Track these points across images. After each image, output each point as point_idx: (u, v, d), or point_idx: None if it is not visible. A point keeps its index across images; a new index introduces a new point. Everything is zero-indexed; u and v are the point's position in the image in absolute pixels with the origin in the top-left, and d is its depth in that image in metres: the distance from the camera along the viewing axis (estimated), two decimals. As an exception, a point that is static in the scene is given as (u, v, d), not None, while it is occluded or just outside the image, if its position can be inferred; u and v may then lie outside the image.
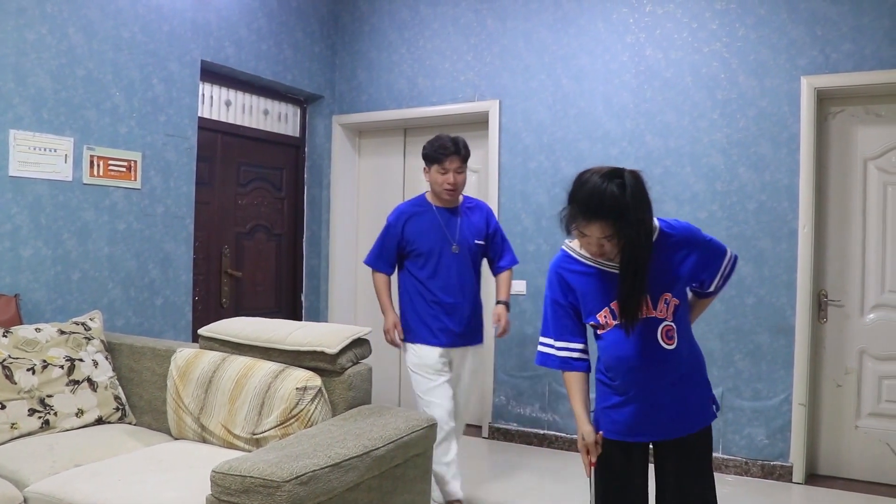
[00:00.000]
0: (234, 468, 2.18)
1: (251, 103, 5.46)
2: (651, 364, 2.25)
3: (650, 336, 2.23)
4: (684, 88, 4.64)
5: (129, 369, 3.51)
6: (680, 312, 2.27)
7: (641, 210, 2.09)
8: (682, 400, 2.29)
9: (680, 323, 2.26)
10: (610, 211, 2.06)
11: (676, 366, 2.26)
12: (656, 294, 2.23)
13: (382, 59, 5.75)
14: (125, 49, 4.25)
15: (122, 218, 4.25)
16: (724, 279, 2.39)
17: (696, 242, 2.29)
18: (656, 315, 2.24)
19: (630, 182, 2.08)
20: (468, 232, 3.82)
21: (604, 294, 2.29)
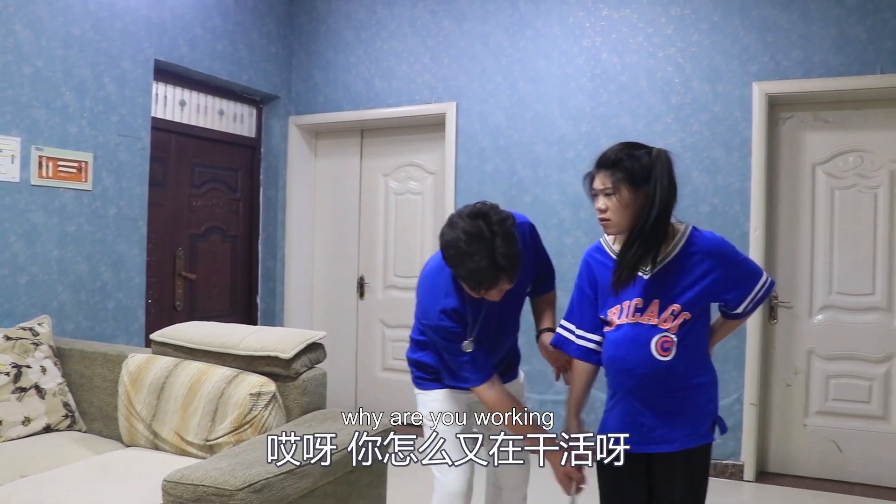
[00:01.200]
0: (185, 477, 2.15)
1: (206, 103, 5.39)
2: (640, 371, 2.21)
3: (644, 343, 2.20)
4: (639, 92, 4.69)
5: (80, 375, 3.44)
6: (690, 328, 2.20)
7: (650, 176, 2.16)
8: (668, 415, 2.23)
9: (686, 338, 2.19)
10: (613, 162, 2.21)
11: (668, 379, 2.20)
12: (665, 302, 2.19)
13: (339, 60, 5.72)
14: (76, 47, 4.17)
15: (73, 220, 4.17)
16: (754, 303, 2.28)
17: (724, 259, 2.21)
18: (657, 324, 2.19)
19: (653, 151, 2.22)
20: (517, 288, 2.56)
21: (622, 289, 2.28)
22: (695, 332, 2.22)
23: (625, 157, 2.20)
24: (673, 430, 2.22)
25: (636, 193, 2.18)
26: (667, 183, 2.16)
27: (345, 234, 5.94)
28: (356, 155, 5.91)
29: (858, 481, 4.30)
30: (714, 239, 2.24)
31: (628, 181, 2.18)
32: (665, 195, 2.16)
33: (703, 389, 2.26)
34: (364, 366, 5.86)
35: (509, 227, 2.30)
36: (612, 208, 2.20)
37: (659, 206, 2.15)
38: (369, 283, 5.83)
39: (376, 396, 5.75)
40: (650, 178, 2.16)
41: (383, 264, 5.78)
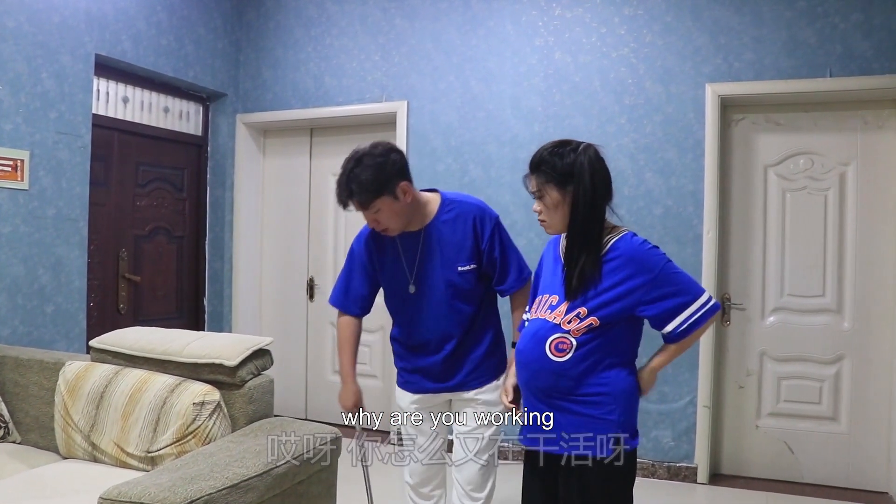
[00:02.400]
0: (123, 493, 2.04)
1: (150, 100, 5.22)
2: (533, 367, 2.19)
3: (542, 340, 2.16)
4: (592, 93, 4.67)
5: (14, 383, 3.29)
6: (599, 335, 2.11)
7: (570, 175, 2.12)
8: (559, 416, 2.15)
9: (591, 344, 2.11)
10: (536, 164, 2.18)
11: (559, 381, 2.13)
12: (574, 304, 2.13)
13: (288, 57, 5.60)
14: (10, 39, 3.99)
15: (7, 221, 3.99)
16: (688, 325, 2.11)
17: (646, 269, 2.10)
18: (560, 323, 2.13)
19: (579, 147, 2.16)
20: (442, 258, 2.67)
21: (549, 282, 2.27)
22: (606, 340, 2.12)
23: (547, 158, 2.17)
24: (563, 433, 2.16)
25: (564, 192, 2.15)
26: (589, 179, 2.12)
27: (294, 235, 5.82)
28: (305, 154, 5.80)
29: (810, 482, 4.34)
30: (641, 247, 2.14)
31: (553, 181, 2.15)
32: (588, 192, 2.12)
33: (603, 398, 2.12)
34: (314, 368, 5.75)
35: (377, 159, 2.49)
36: (544, 210, 2.20)
37: (583, 203, 2.11)
38: (319, 285, 5.72)
39: (327, 399, 5.64)
40: (573, 175, 2.13)
41: (334, 265, 5.67)
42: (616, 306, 2.10)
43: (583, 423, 2.13)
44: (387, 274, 2.77)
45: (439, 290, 2.66)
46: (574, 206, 2.13)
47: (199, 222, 5.64)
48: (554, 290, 2.21)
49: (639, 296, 2.09)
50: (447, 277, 2.65)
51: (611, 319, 2.11)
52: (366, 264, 2.80)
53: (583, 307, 2.11)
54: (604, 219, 2.18)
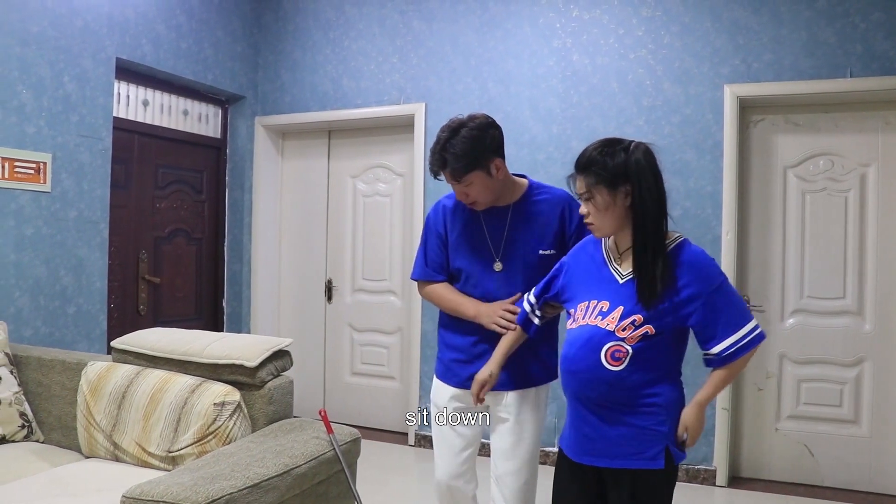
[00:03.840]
0: (145, 493, 2.06)
1: (170, 103, 5.27)
2: (584, 376, 2.11)
3: (596, 348, 2.08)
4: (610, 94, 4.66)
5: (37, 383, 3.32)
6: (652, 343, 2.06)
7: (627, 174, 2.06)
8: (611, 428, 2.11)
9: (645, 353, 2.06)
10: (585, 165, 2.12)
11: (613, 391, 2.08)
12: (629, 311, 2.06)
13: (307, 60, 5.63)
14: (33, 44, 4.04)
15: (30, 222, 4.04)
16: (737, 349, 2.06)
17: (707, 280, 2.05)
18: (614, 331, 2.07)
19: (630, 146, 2.10)
20: (526, 237, 2.63)
21: (595, 287, 2.19)
22: (658, 349, 2.07)
23: (597, 158, 2.10)
24: (615, 445, 2.11)
25: (614, 194, 2.08)
26: (652, 178, 2.08)
27: (312, 237, 5.85)
28: (324, 156, 5.82)
29: (830, 485, 4.31)
30: (703, 256, 2.10)
31: (603, 183, 2.08)
32: (654, 191, 2.07)
33: (655, 409, 2.07)
34: (332, 370, 5.77)
35: (474, 131, 2.47)
36: (593, 212, 2.13)
37: (651, 203, 2.06)
38: (337, 287, 5.74)
39: (345, 401, 5.66)
40: (627, 176, 2.06)
41: (351, 267, 5.69)
42: (674, 315, 2.05)
43: (635, 435, 2.08)
44: (466, 250, 2.68)
45: (528, 268, 2.60)
46: (640, 207, 2.05)
47: (218, 224, 5.68)
48: (603, 296, 2.13)
49: (697, 305, 2.04)
50: (526, 258, 2.60)
51: (665, 328, 2.05)
52: (441, 235, 2.74)
53: (638, 314, 2.05)
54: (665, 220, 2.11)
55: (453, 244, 2.71)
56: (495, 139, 2.54)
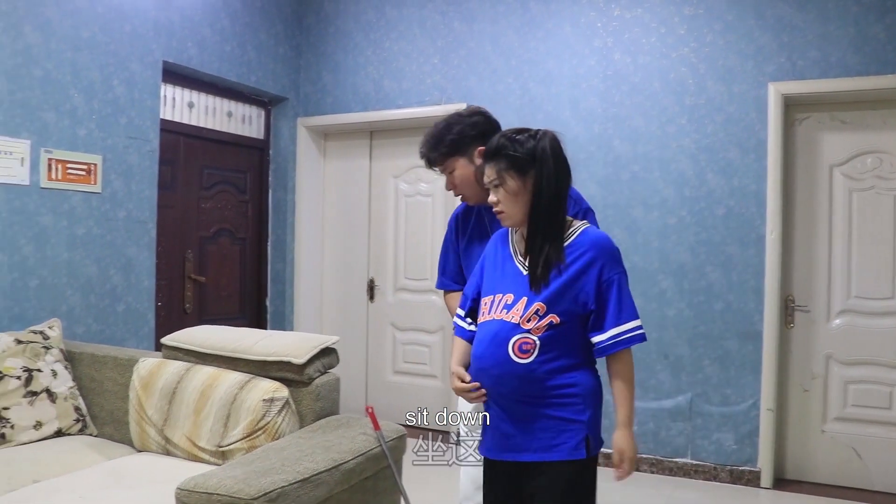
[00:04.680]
0: (199, 485, 2.11)
1: (214, 105, 5.35)
2: (495, 372, 2.06)
3: (502, 342, 2.03)
4: (653, 93, 4.64)
5: (90, 379, 3.41)
6: (559, 332, 2.02)
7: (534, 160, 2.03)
8: (526, 422, 2.06)
9: (553, 342, 2.01)
10: (494, 152, 2.09)
11: (525, 384, 2.03)
12: (532, 300, 2.03)
13: (348, 61, 5.68)
14: (84, 49, 4.13)
15: (82, 223, 4.13)
16: (615, 341, 2.03)
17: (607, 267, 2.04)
18: (519, 322, 2.02)
19: (538, 134, 2.08)
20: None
21: (500, 281, 2.15)
22: (567, 337, 2.03)
23: (507, 144, 2.07)
24: (531, 438, 2.04)
25: (523, 180, 2.04)
26: (553, 164, 2.02)
27: (354, 237, 5.90)
28: (365, 157, 5.87)
29: (880, 489, 4.23)
30: (604, 239, 2.07)
31: (514, 168, 2.05)
32: (553, 177, 2.02)
33: (571, 399, 2.03)
34: (374, 369, 5.82)
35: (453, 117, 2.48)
36: (503, 199, 2.08)
37: (547, 188, 2.02)
38: (379, 286, 5.79)
39: (387, 400, 5.70)
40: (534, 162, 2.03)
41: (393, 267, 5.74)
42: (573, 301, 2.01)
43: (553, 426, 2.03)
44: (475, 255, 2.53)
45: None
46: (537, 192, 2.03)
47: (262, 224, 5.76)
48: (507, 289, 2.10)
49: (593, 288, 2.01)
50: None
51: (570, 316, 2.01)
52: (453, 242, 2.73)
53: (540, 302, 2.01)
54: (566, 207, 2.09)
55: (464, 251, 2.68)
56: (478, 125, 2.48)
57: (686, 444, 4.50)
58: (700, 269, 4.49)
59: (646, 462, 4.58)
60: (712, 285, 4.46)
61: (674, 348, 4.54)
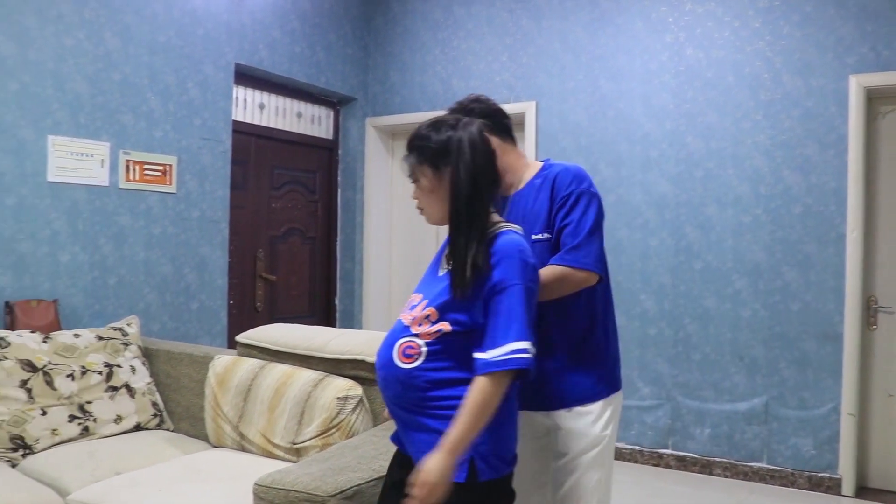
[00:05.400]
0: (277, 481, 2.13)
1: (284, 106, 5.42)
2: (381, 373, 1.92)
3: (391, 343, 1.89)
4: (726, 89, 4.53)
5: (167, 375, 3.48)
6: (452, 344, 1.82)
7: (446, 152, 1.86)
8: (409, 429, 1.89)
9: (444, 354, 1.82)
10: (408, 145, 1.94)
11: (405, 390, 1.84)
12: (429, 302, 1.86)
13: (416, 61, 5.69)
14: (160, 53, 4.23)
15: (158, 222, 4.23)
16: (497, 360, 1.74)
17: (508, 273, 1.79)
18: (410, 325, 1.87)
19: (458, 124, 1.89)
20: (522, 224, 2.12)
21: (422, 280, 2.01)
22: (461, 350, 1.82)
23: (420, 137, 1.91)
24: (418, 451, 1.82)
25: (439, 175, 1.87)
26: (470, 157, 1.83)
27: (422, 236, 5.91)
28: (433, 156, 5.86)
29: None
30: (519, 250, 1.82)
31: (427, 162, 1.88)
32: (470, 168, 1.83)
33: (451, 414, 1.77)
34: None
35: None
36: (420, 196, 1.95)
37: (465, 181, 1.83)
38: (446, 285, 5.78)
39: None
40: (449, 154, 1.85)
41: (460, 266, 5.72)
42: (475, 310, 1.81)
43: (434, 440, 1.76)
44: None
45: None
46: (454, 187, 1.84)
47: (331, 223, 5.81)
48: (420, 289, 1.96)
49: (487, 287, 1.79)
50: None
51: (466, 326, 1.81)
52: None
53: (432, 307, 1.84)
54: (489, 204, 1.90)
55: None
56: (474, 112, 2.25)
57: (761, 449, 4.38)
58: (776, 269, 4.37)
59: (719, 466, 4.47)
60: (789, 285, 4.33)
61: (748, 349, 4.43)
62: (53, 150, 3.72)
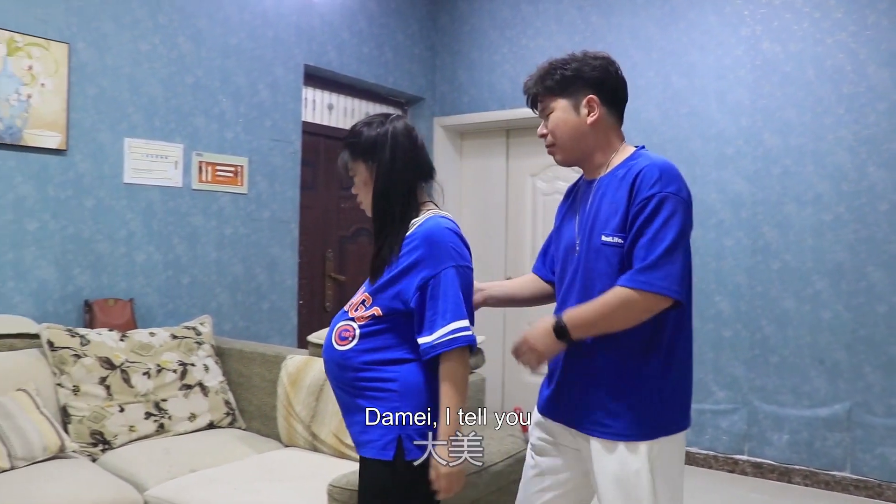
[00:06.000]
0: (352, 482, 2.12)
1: (353, 106, 5.45)
2: (324, 356, 2.00)
3: (332, 327, 1.98)
4: (806, 83, 4.38)
5: (239, 374, 3.51)
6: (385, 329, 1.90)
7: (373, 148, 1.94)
8: (347, 411, 1.97)
9: (376, 336, 1.90)
10: (344, 141, 2.03)
11: (341, 371, 1.93)
12: (366, 288, 1.95)
13: (483, 60, 5.66)
14: (232, 56, 4.28)
15: (230, 223, 4.28)
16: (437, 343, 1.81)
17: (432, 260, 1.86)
18: (348, 310, 1.96)
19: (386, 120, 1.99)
20: (596, 218, 1.95)
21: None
22: (394, 333, 1.89)
23: (352, 134, 2.01)
24: (358, 432, 1.91)
25: (369, 170, 1.97)
26: (389, 154, 1.92)
27: (491, 236, 5.87)
28: (502, 155, 5.83)
29: None
30: (443, 233, 1.88)
31: (357, 157, 1.98)
32: (388, 167, 1.93)
33: (387, 394, 1.86)
34: (512, 369, 5.77)
35: (581, 57, 2.08)
36: (357, 190, 2.04)
37: (383, 179, 1.93)
38: (514, 286, 5.72)
39: (525, 401, 5.63)
40: (375, 150, 1.94)
41: (531, 265, 5.65)
42: (396, 296, 1.88)
43: (362, 419, 1.87)
44: (561, 231, 2.13)
45: (595, 253, 1.93)
46: (376, 182, 1.95)
47: (398, 224, 5.79)
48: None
49: (415, 284, 1.85)
50: (593, 244, 1.94)
51: (393, 311, 1.89)
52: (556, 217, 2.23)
53: (366, 293, 1.93)
54: (410, 197, 1.96)
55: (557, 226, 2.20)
56: (597, 69, 2.05)
57: (844, 457, 4.21)
58: (860, 269, 4.20)
59: (798, 473, 4.32)
60: (874, 286, 4.15)
61: (829, 353, 4.26)
62: (129, 152, 3.79)
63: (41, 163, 3.49)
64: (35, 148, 3.46)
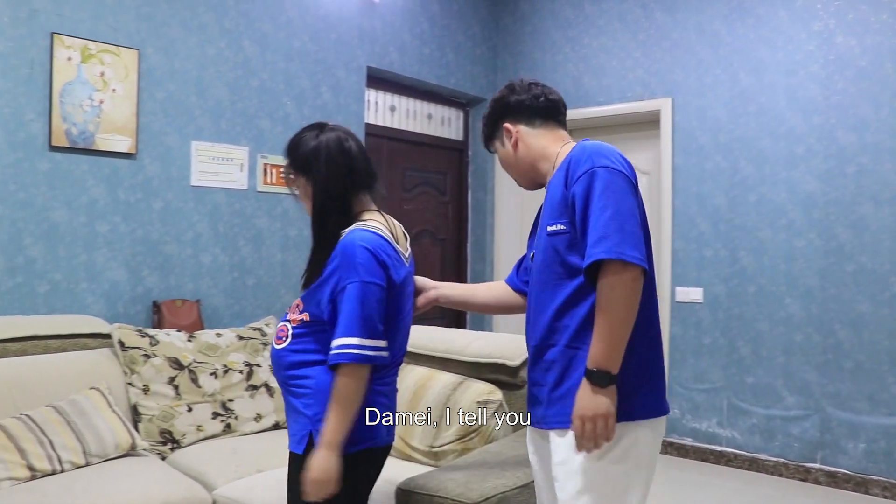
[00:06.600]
0: (420, 486, 2.10)
1: (415, 108, 5.44)
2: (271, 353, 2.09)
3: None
4: (883, 77, 4.22)
5: (304, 376, 3.52)
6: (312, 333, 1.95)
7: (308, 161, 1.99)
8: (285, 406, 2.05)
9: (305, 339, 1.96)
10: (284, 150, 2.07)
11: (277, 369, 2.04)
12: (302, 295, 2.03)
13: (546, 60, 5.60)
14: (296, 59, 4.31)
15: (294, 225, 4.31)
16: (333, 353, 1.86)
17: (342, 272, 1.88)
18: (288, 312, 2.06)
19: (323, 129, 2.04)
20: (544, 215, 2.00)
21: None
22: (320, 337, 1.94)
23: (290, 148, 2.06)
24: (288, 427, 2.04)
25: (306, 181, 2.02)
26: (324, 167, 1.97)
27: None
28: (564, 155, 5.76)
29: None
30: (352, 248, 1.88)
31: (295, 169, 2.04)
32: (322, 180, 1.97)
33: (305, 392, 1.95)
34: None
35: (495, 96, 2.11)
36: (302, 200, 2.07)
37: (318, 191, 1.98)
38: (577, 288, 5.65)
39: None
40: (309, 162, 1.99)
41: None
42: (315, 297, 1.94)
43: (292, 416, 2.00)
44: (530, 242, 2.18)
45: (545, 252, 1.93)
46: (313, 193, 1.99)
47: (462, 225, 5.79)
48: None
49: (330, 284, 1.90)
50: (542, 239, 1.96)
51: (319, 317, 1.93)
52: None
53: (299, 298, 2.03)
54: (345, 207, 2.00)
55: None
56: (498, 101, 2.09)
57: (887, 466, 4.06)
58: (941, 271, 4.04)
59: (876, 484, 4.17)
60: (956, 289, 3.99)
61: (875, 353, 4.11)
62: (196, 155, 3.85)
63: (112, 166, 3.56)
64: (106, 152, 3.53)
